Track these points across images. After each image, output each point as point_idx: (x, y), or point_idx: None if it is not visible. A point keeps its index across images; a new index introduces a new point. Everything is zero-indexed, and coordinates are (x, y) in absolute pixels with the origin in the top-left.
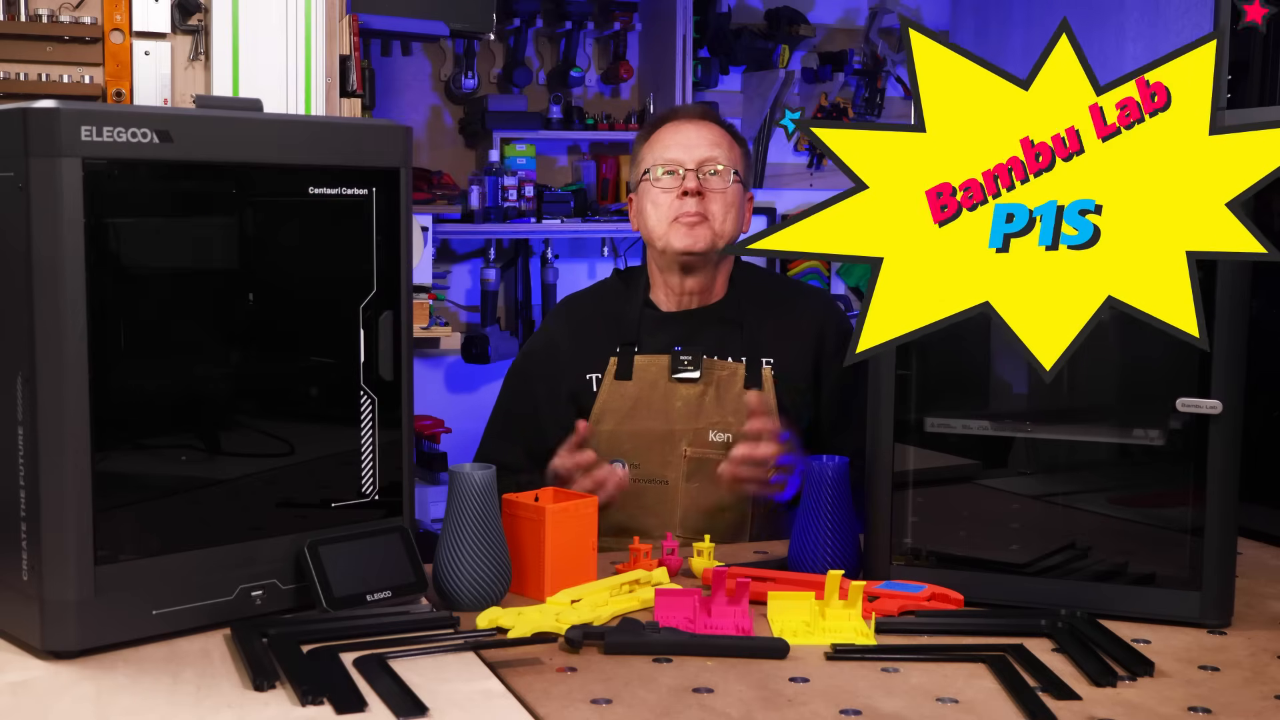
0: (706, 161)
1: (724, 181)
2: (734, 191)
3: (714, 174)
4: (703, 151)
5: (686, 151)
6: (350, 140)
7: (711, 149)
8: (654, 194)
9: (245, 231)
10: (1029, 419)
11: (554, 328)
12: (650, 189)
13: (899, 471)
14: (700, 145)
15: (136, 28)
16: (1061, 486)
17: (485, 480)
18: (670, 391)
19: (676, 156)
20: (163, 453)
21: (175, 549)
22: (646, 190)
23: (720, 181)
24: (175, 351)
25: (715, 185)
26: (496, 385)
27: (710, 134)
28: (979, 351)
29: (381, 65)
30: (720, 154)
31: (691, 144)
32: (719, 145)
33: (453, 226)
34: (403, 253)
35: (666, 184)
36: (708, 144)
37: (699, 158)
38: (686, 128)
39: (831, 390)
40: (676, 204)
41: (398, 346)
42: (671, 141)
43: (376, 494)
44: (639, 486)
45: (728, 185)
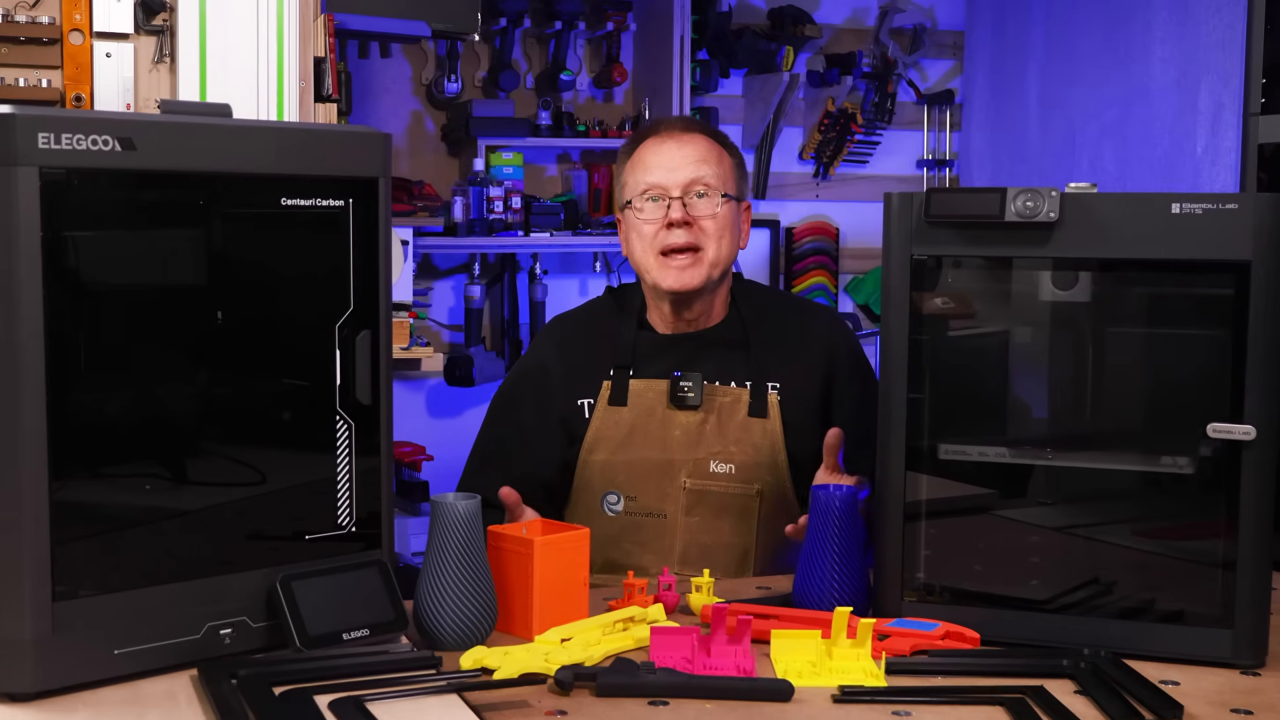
0: (692, 183)
1: (713, 204)
2: (726, 212)
3: (701, 196)
4: (688, 172)
5: (669, 173)
6: (325, 148)
7: (698, 167)
8: (639, 225)
9: (213, 245)
10: (1049, 446)
11: (543, 349)
12: (635, 219)
13: (911, 501)
14: (685, 164)
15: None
16: (1084, 518)
17: (469, 511)
18: (668, 419)
19: (659, 180)
20: (125, 481)
21: (138, 584)
22: (631, 220)
23: (709, 204)
24: (138, 373)
25: (704, 210)
26: (481, 410)
27: (696, 149)
28: (996, 374)
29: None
30: (708, 171)
31: (675, 164)
32: (705, 161)
33: (435, 240)
34: (381, 268)
35: (650, 214)
36: (693, 161)
37: (684, 179)
38: (668, 145)
39: (843, 414)
40: (663, 235)
41: (376, 368)
42: (653, 163)
43: (353, 525)
44: (635, 520)
45: (717, 209)
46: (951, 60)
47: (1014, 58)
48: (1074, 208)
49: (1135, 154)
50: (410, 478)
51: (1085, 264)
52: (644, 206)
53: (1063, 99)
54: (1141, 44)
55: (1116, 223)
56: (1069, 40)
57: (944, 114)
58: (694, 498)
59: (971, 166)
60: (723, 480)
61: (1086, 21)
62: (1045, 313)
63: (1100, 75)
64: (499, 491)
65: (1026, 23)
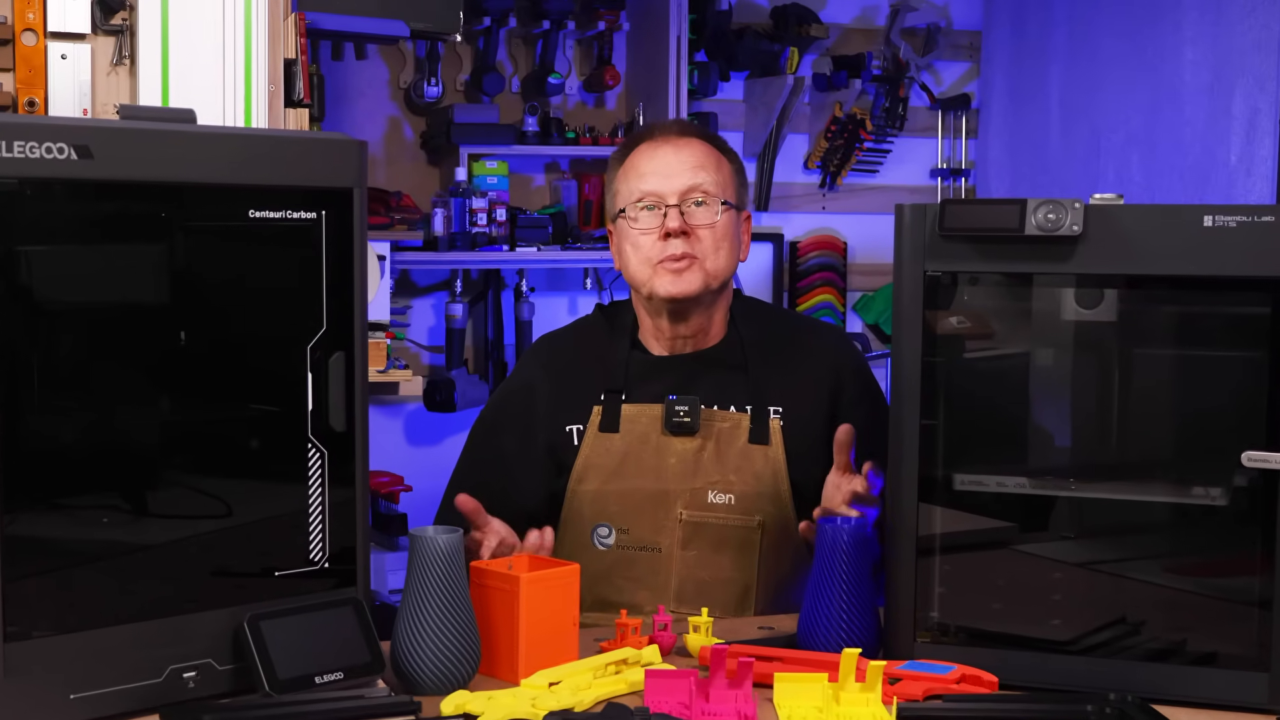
0: (690, 191)
1: (711, 212)
2: (725, 222)
3: (699, 204)
4: (684, 179)
5: (665, 180)
6: (296, 156)
7: (695, 174)
8: (633, 235)
9: (176, 261)
10: (1073, 476)
11: (529, 371)
12: (628, 229)
13: (924, 535)
14: (681, 171)
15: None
16: (1110, 553)
17: (450, 545)
18: (663, 446)
19: (654, 188)
20: (81, 514)
21: (96, 624)
22: (624, 230)
23: (707, 213)
24: (96, 398)
25: (702, 218)
26: (463, 437)
27: (693, 154)
28: (1016, 399)
29: (332, 70)
30: (706, 178)
31: (671, 170)
32: (703, 168)
33: (414, 255)
34: (356, 285)
35: (645, 223)
36: (690, 168)
37: (681, 187)
38: (664, 150)
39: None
40: (659, 246)
41: (351, 392)
42: (648, 169)
43: (326, 561)
44: (628, 555)
45: (716, 217)
46: (967, 62)
47: (1034, 60)
48: (1099, 220)
49: (1164, 163)
50: (387, 510)
51: (1111, 281)
52: (638, 215)
53: (1086, 104)
54: (1171, 45)
55: (1144, 237)
56: (1093, 41)
57: (959, 120)
58: (691, 530)
59: (989, 176)
60: (721, 511)
61: (1112, 21)
62: (1068, 333)
63: (1127, 78)
64: (455, 499)
65: (1048, 22)
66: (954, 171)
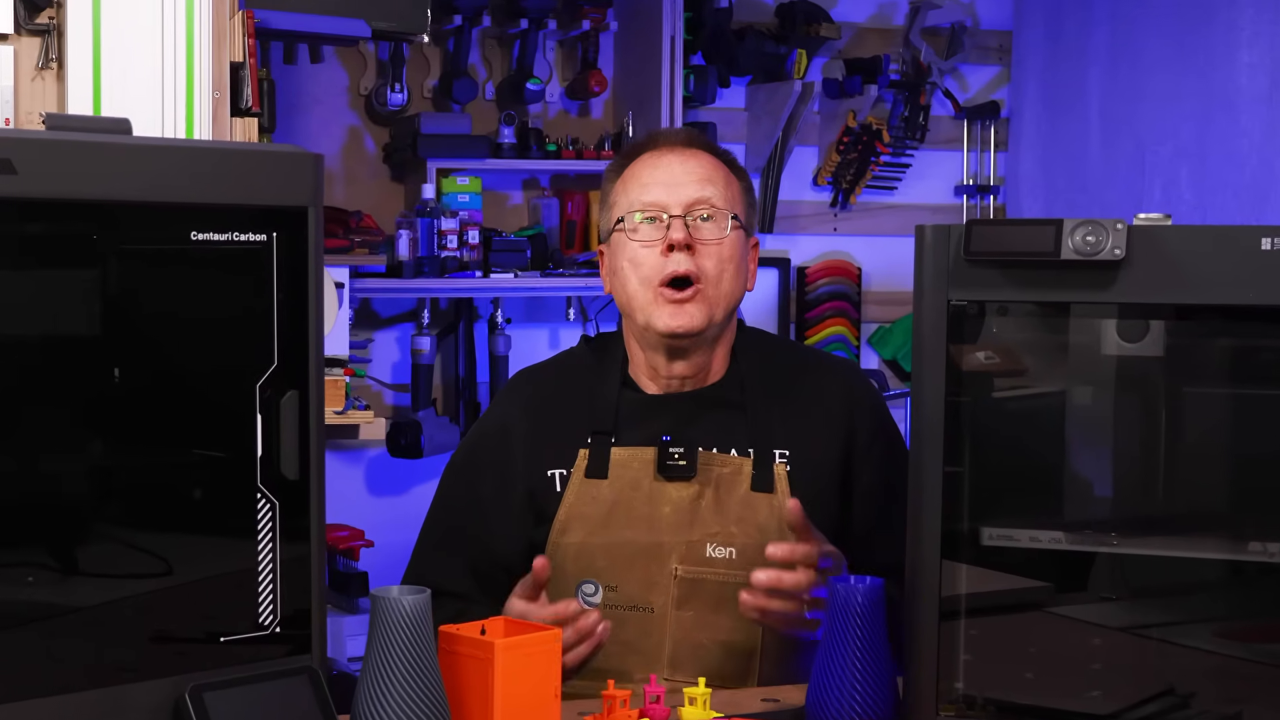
0: (697, 204)
1: (720, 228)
2: (733, 241)
3: (706, 219)
4: (691, 190)
5: (670, 191)
6: (244, 171)
7: (703, 186)
8: (631, 249)
9: (110, 289)
10: (1114, 529)
11: (507, 411)
12: (626, 242)
13: (948, 596)
14: (688, 182)
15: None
16: (1156, 616)
17: (417, 607)
18: (656, 494)
19: (658, 198)
20: (3, 573)
21: (19, 695)
22: (621, 244)
23: (715, 229)
24: (19, 443)
25: (708, 234)
26: (431, 486)
27: (701, 166)
28: (1051, 443)
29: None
30: (714, 192)
31: (677, 180)
32: (712, 181)
33: (376, 282)
34: (311, 316)
35: (647, 235)
36: (698, 179)
37: (687, 199)
38: (669, 159)
39: (865, 490)
40: (660, 263)
41: (305, 436)
42: (650, 179)
43: (278, 625)
44: (617, 615)
45: (725, 234)
46: (997, 66)
47: (1071, 63)
48: (1144, 243)
49: (1217, 179)
50: (346, 568)
51: (1158, 311)
52: (638, 227)
53: (1130, 113)
54: (1224, 47)
55: (1195, 261)
56: (1138, 42)
57: (987, 130)
58: (687, 588)
59: (1020, 193)
60: (721, 567)
61: (1159, 20)
62: (1109, 369)
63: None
64: (534, 562)
65: (1087, 21)
66: (981, 188)
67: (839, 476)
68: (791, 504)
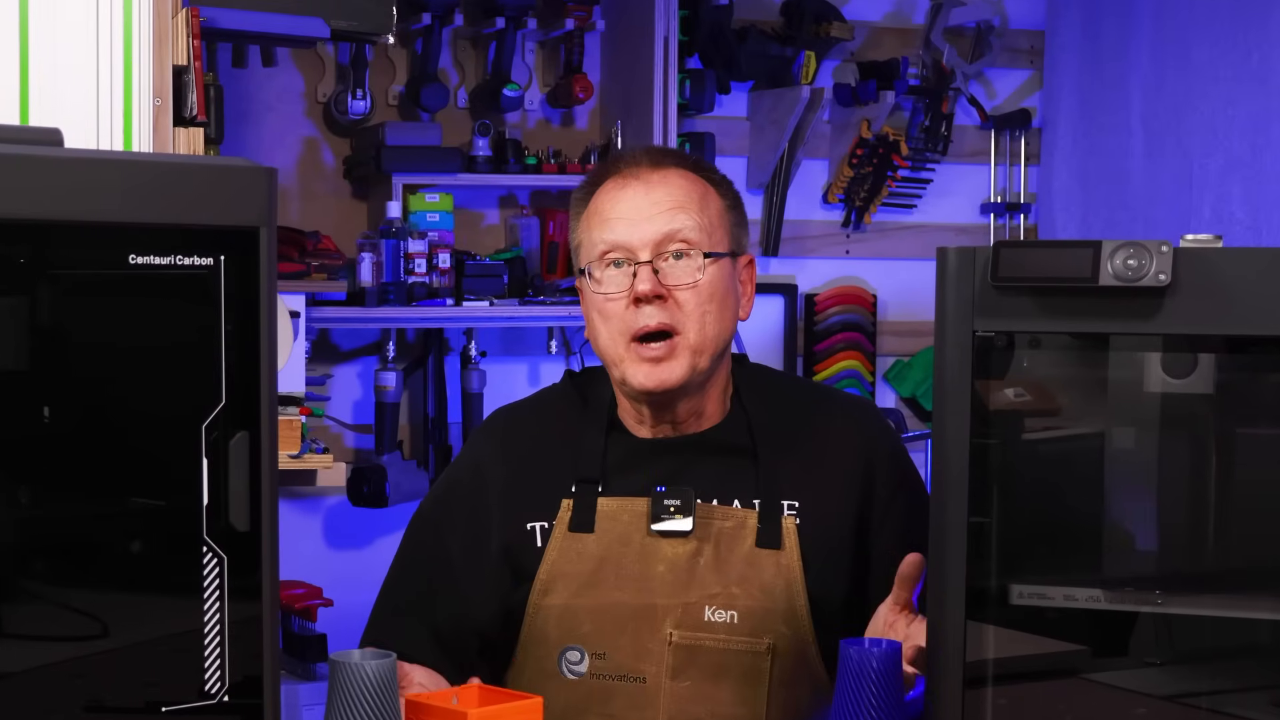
0: (665, 240)
1: (693, 268)
2: (713, 278)
3: (679, 257)
4: (659, 224)
5: (634, 228)
6: (189, 188)
7: (673, 216)
8: (598, 302)
9: (38, 318)
10: (1159, 587)
11: (481, 453)
12: (592, 295)
13: (973, 662)
14: (655, 214)
15: None
16: (1206, 683)
17: (381, 673)
18: (649, 550)
19: (621, 238)
20: None
21: None
22: (588, 295)
23: (689, 268)
24: None
25: (683, 276)
26: (396, 538)
27: (669, 191)
28: (1088, 490)
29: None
30: (686, 222)
31: (641, 214)
32: (684, 207)
33: (335, 311)
34: (263, 349)
35: (612, 285)
36: (667, 209)
37: (654, 235)
38: (631, 189)
39: (884, 551)
40: (629, 317)
41: (256, 483)
42: (613, 213)
43: (226, 694)
44: (605, 685)
45: (698, 275)
46: (1028, 70)
47: (1111, 67)
48: (1191, 267)
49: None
50: (302, 629)
51: (1206, 343)
52: (603, 276)
53: (1176, 124)
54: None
55: (1248, 287)
56: (1184, 45)
57: (1017, 141)
58: (683, 656)
59: (1054, 212)
60: (722, 632)
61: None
62: (1153, 409)
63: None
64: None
65: (1127, 21)
66: (1010, 206)
67: (854, 529)
68: (914, 558)
